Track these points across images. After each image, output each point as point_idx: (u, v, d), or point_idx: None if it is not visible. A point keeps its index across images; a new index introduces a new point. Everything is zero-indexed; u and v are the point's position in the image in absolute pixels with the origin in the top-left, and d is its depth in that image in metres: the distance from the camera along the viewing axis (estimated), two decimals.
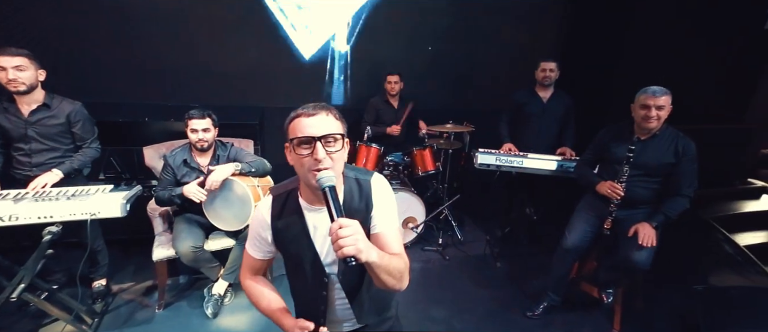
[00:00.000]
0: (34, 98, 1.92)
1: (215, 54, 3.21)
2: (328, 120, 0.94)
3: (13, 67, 1.81)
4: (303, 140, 0.91)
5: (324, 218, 0.97)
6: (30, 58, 1.86)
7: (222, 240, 2.27)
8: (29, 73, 1.86)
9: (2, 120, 1.91)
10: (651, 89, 1.96)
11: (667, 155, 1.98)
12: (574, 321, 2.33)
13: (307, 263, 1.06)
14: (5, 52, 1.80)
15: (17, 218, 1.64)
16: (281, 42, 3.39)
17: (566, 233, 2.25)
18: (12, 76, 1.81)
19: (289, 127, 0.96)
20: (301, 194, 1.04)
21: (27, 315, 2.11)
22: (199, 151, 2.18)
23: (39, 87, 1.93)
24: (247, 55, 3.30)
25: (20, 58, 1.82)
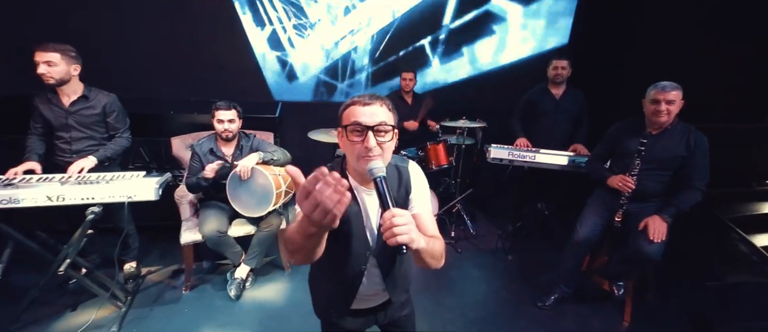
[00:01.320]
0: (74, 89, 2.08)
1: (233, 53, 3.38)
2: (381, 111, 1.00)
3: (43, 62, 1.95)
4: (356, 128, 0.97)
5: (370, 200, 1.08)
6: (63, 54, 1.99)
7: (244, 227, 2.40)
8: (59, 69, 2.00)
9: (45, 110, 2.07)
10: (661, 84, 2.02)
11: (679, 149, 2.03)
12: (585, 313, 2.39)
13: (355, 238, 1.09)
14: (41, 47, 1.95)
15: (64, 198, 1.79)
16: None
17: (577, 226, 2.31)
18: (43, 71, 1.96)
19: (343, 113, 1.02)
20: (350, 174, 1.09)
21: (67, 293, 2.27)
22: (225, 141, 2.32)
23: (75, 80, 2.08)
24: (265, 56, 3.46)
25: (52, 54, 1.96)
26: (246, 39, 3.49)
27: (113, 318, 2.08)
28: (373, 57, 3.82)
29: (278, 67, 3.65)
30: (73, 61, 2.03)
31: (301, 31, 3.59)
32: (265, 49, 3.56)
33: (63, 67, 1.99)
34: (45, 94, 2.07)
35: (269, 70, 3.64)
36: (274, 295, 2.42)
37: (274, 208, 2.29)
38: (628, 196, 2.12)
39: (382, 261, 1.16)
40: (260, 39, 3.52)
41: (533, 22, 4.00)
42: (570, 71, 2.87)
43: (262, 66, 3.60)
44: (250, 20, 3.45)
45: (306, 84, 3.75)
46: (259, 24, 3.47)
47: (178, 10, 3.25)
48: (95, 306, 2.14)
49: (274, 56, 3.60)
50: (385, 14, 3.71)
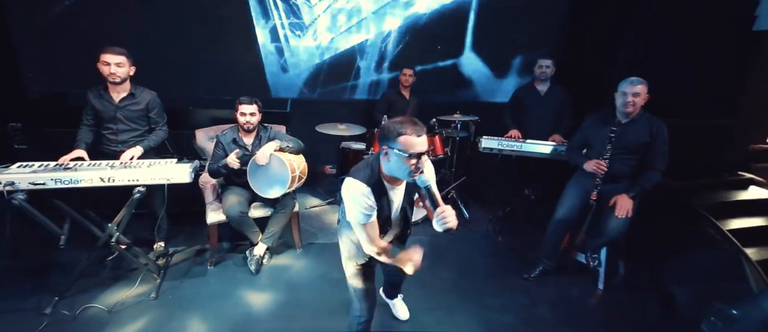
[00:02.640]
0: (124, 87, 2.39)
1: (248, 55, 3.68)
2: (425, 139, 1.38)
3: (115, 64, 2.28)
4: (415, 155, 1.35)
5: (394, 193, 1.56)
6: (126, 57, 2.32)
7: (262, 209, 2.71)
8: (125, 69, 2.33)
9: (97, 104, 2.37)
10: (629, 79, 2.36)
11: (644, 136, 2.36)
12: (565, 283, 2.72)
13: (382, 218, 1.55)
14: (111, 50, 2.27)
15: (113, 180, 2.09)
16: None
17: (558, 206, 2.65)
18: (113, 71, 2.28)
19: (398, 139, 1.34)
20: (382, 174, 1.49)
21: (106, 268, 2.56)
22: (246, 132, 2.62)
23: (128, 80, 2.38)
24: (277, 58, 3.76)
25: (121, 57, 2.29)
26: (254, 33, 3.74)
27: (150, 288, 2.38)
28: (375, 59, 4.13)
29: (276, 61, 3.89)
30: (131, 64, 2.33)
31: (298, 30, 3.86)
32: (266, 42, 3.80)
33: (127, 68, 2.31)
34: (98, 90, 2.38)
35: (269, 64, 3.88)
36: (288, 270, 2.73)
37: (288, 191, 2.58)
38: (602, 178, 2.45)
39: (396, 234, 1.73)
40: (264, 32, 3.78)
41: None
42: (553, 70, 3.20)
43: (263, 61, 3.86)
44: (258, 15, 3.71)
45: (299, 76, 4.02)
46: (264, 16, 3.73)
47: (190, 10, 3.51)
48: (133, 278, 2.43)
49: (273, 47, 3.84)
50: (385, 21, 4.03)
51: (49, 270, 2.51)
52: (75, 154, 2.25)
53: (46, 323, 2.04)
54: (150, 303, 2.28)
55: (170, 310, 2.24)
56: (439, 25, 4.10)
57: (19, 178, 1.94)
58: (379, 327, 2.24)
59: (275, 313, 2.29)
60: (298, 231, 2.94)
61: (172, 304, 2.29)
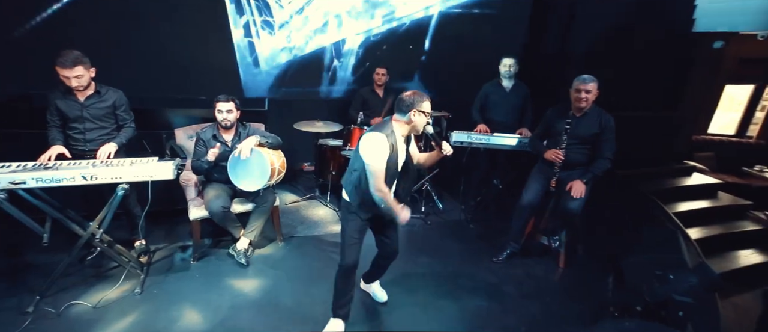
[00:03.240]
0: (88, 88, 2.39)
1: (223, 54, 3.72)
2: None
3: (74, 77, 2.28)
4: (428, 112, 1.90)
5: (401, 144, 1.96)
6: (84, 66, 2.30)
7: (243, 205, 2.80)
8: (86, 77, 2.33)
9: (62, 105, 2.37)
10: (582, 77, 2.63)
11: (594, 127, 2.65)
12: (530, 263, 2.98)
13: (392, 168, 1.91)
14: (65, 65, 2.23)
15: (96, 178, 2.12)
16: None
17: (523, 193, 2.90)
18: (75, 84, 2.30)
19: (422, 104, 1.87)
20: (398, 132, 1.93)
21: (86, 267, 2.58)
22: (225, 128, 2.71)
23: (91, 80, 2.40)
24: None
25: (78, 69, 2.27)
26: (228, 31, 3.77)
27: (134, 284, 2.42)
28: (344, 61, 4.28)
29: (248, 57, 3.93)
30: (90, 66, 2.34)
31: (269, 27, 3.95)
32: (239, 38, 3.84)
33: (87, 75, 2.32)
34: (60, 91, 2.37)
35: (241, 63, 3.93)
36: (271, 262, 2.84)
37: (269, 184, 2.68)
38: (559, 165, 2.72)
39: (408, 178, 2.08)
40: (238, 29, 3.82)
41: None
42: (517, 68, 3.46)
43: (236, 59, 3.89)
44: (232, 11, 3.75)
45: (269, 73, 4.09)
46: (239, 12, 3.77)
47: (165, 11, 3.52)
48: (116, 275, 2.47)
49: (246, 42, 3.88)
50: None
51: (25, 271, 2.50)
52: (57, 151, 2.25)
53: (29, 320, 2.06)
54: (135, 298, 2.33)
55: (157, 304, 2.30)
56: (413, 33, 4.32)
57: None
58: (363, 311, 2.39)
59: (261, 302, 2.41)
60: (279, 225, 3.04)
61: (159, 298, 2.35)
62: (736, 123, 5.62)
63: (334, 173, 3.63)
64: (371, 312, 2.41)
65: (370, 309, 2.43)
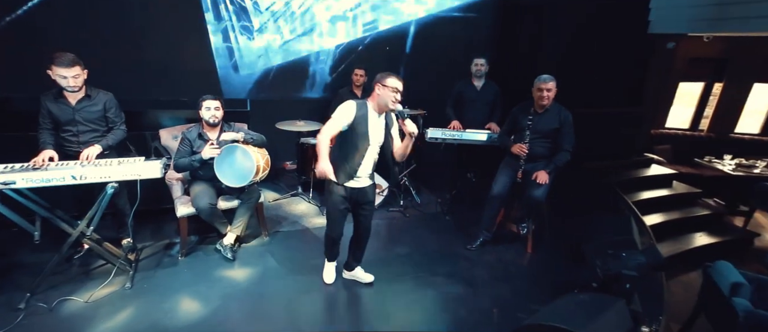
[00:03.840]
0: (80, 90, 2.47)
1: (203, 58, 3.81)
2: (400, 82, 2.18)
3: (71, 76, 2.37)
4: (397, 89, 2.14)
5: (375, 119, 2.22)
6: (80, 66, 2.41)
7: (229, 202, 2.92)
8: (82, 78, 2.43)
9: (54, 108, 2.45)
10: (542, 77, 2.88)
11: (554, 123, 2.91)
12: (501, 250, 3.23)
13: (362, 137, 2.20)
14: (62, 64, 2.32)
15: (85, 178, 2.22)
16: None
17: (492, 185, 3.14)
18: (72, 84, 2.38)
19: (386, 79, 2.13)
20: (371, 106, 2.21)
21: (74, 265, 2.64)
22: (210, 126, 2.82)
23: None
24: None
25: (76, 68, 2.38)
26: (207, 36, 3.89)
27: (124, 279, 2.52)
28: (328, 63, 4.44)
29: (227, 60, 4.09)
30: (84, 68, 2.42)
31: (247, 32, 4.09)
32: (218, 43, 4.00)
33: (83, 76, 2.41)
34: (52, 94, 2.44)
35: (220, 66, 4.07)
36: (257, 256, 2.98)
37: (255, 180, 2.82)
38: (525, 158, 2.97)
39: (371, 157, 2.29)
40: (217, 35, 3.97)
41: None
42: (487, 67, 3.71)
43: (215, 61, 4.03)
44: (211, 18, 3.87)
45: (250, 76, 4.25)
46: (217, 18, 3.91)
47: (147, 14, 3.59)
48: (105, 272, 2.55)
49: (225, 47, 4.04)
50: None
51: (12, 270, 2.55)
52: (47, 154, 2.32)
53: (22, 316, 2.14)
54: (126, 293, 2.43)
55: (148, 297, 2.41)
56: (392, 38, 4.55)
57: None
58: (350, 300, 2.56)
59: (248, 291, 2.55)
60: (264, 220, 3.18)
61: (149, 292, 2.46)
62: (690, 118, 6.09)
63: (315, 170, 3.78)
64: (357, 301, 2.56)
65: (356, 298, 2.58)
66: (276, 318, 2.33)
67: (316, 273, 2.70)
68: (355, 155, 2.24)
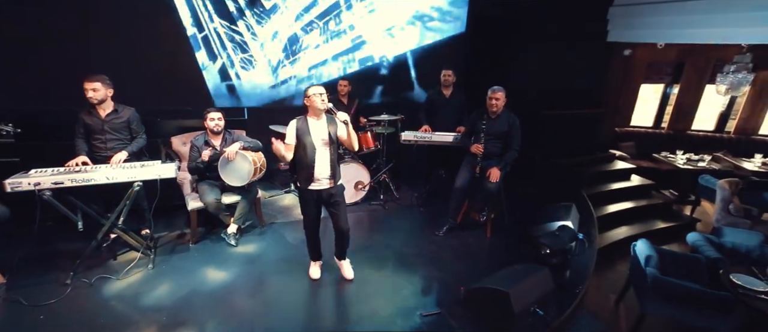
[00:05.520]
0: (108, 105, 3.06)
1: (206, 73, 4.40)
2: (322, 88, 2.63)
3: (91, 89, 2.95)
4: (320, 93, 2.59)
5: (316, 126, 2.64)
6: (102, 83, 2.99)
7: (232, 197, 3.51)
8: (101, 93, 3.00)
9: (88, 120, 3.03)
10: (493, 87, 3.49)
11: (504, 126, 3.51)
12: (464, 235, 3.83)
13: (309, 145, 2.61)
14: (88, 78, 2.93)
15: (117, 178, 2.79)
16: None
17: (455, 179, 3.74)
18: (90, 95, 2.96)
19: (309, 90, 2.60)
20: (309, 116, 2.66)
21: (103, 252, 3.21)
22: (214, 134, 3.41)
23: (109, 99, 3.05)
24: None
25: (96, 83, 2.96)
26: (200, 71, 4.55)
27: (146, 260, 3.10)
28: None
29: (227, 97, 4.79)
30: (109, 87, 3.01)
31: (246, 64, 4.74)
32: (216, 80, 4.69)
33: (103, 91, 2.98)
34: (87, 109, 3.03)
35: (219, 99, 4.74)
36: (255, 243, 3.57)
37: (252, 180, 3.40)
38: (481, 157, 3.57)
39: (322, 156, 2.67)
40: (212, 72, 4.65)
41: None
42: (455, 78, 4.30)
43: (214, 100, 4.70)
44: (204, 55, 4.52)
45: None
46: (211, 58, 4.57)
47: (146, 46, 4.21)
48: (130, 256, 3.13)
49: (224, 85, 4.73)
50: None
51: (54, 256, 3.12)
52: (82, 159, 2.90)
53: (70, 289, 2.72)
54: (149, 272, 3.02)
55: (167, 276, 2.99)
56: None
57: (42, 179, 2.60)
58: (330, 284, 3.05)
59: (249, 270, 3.14)
60: (261, 213, 3.77)
61: (168, 272, 3.04)
62: (653, 117, 6.71)
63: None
64: (339, 278, 3.12)
65: (344, 286, 3.04)
66: (271, 291, 2.92)
67: (305, 255, 3.27)
68: (307, 160, 2.62)
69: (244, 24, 4.61)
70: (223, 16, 4.49)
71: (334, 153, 2.71)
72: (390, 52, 5.49)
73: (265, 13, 4.69)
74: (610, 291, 3.52)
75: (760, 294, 2.71)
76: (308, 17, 4.92)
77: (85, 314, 2.54)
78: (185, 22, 4.33)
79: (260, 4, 4.64)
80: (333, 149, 2.70)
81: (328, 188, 2.72)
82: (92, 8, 3.91)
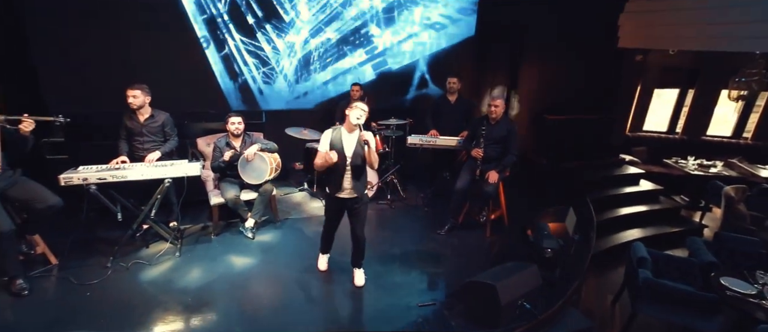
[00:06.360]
0: (146, 111, 3.49)
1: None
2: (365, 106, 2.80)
3: (131, 95, 3.38)
4: (362, 114, 2.74)
5: (349, 138, 2.81)
6: (141, 91, 3.42)
7: (250, 194, 3.88)
8: (140, 99, 3.43)
9: (129, 123, 3.48)
10: (492, 94, 3.75)
11: (503, 132, 3.74)
12: (465, 234, 4.08)
13: (341, 155, 2.77)
14: (130, 87, 3.37)
15: (149, 175, 3.20)
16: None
17: (456, 181, 3.99)
18: (130, 101, 3.39)
19: (351, 105, 2.78)
20: (344, 127, 2.83)
21: (137, 240, 3.64)
22: (235, 137, 3.79)
23: (147, 105, 3.48)
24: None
25: (136, 91, 3.39)
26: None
27: (174, 249, 3.51)
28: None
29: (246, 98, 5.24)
30: (147, 95, 3.44)
31: (268, 78, 5.16)
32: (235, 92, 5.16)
33: (142, 98, 3.40)
34: (129, 114, 3.47)
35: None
36: (271, 236, 3.93)
37: (268, 179, 3.76)
38: (481, 160, 3.80)
39: (353, 169, 2.85)
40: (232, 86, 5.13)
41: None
42: (460, 85, 4.55)
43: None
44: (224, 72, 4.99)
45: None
46: (231, 77, 5.04)
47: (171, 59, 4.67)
48: (160, 244, 3.55)
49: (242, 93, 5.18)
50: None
51: (95, 243, 3.57)
52: (121, 158, 3.34)
53: (110, 271, 3.14)
54: (177, 259, 3.42)
55: (193, 262, 3.39)
56: None
57: (89, 175, 3.03)
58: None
59: (265, 260, 3.50)
60: (276, 209, 4.13)
61: (193, 259, 3.44)
62: (668, 121, 6.70)
63: (315, 165, 4.73)
64: (347, 270, 3.40)
65: (347, 269, 3.34)
66: (283, 280, 3.27)
67: (316, 249, 3.58)
68: (337, 170, 2.80)
69: (265, 38, 5.00)
70: (243, 32, 4.92)
71: (361, 166, 2.87)
72: (404, 60, 5.78)
73: (284, 26, 5.06)
74: (609, 291, 3.70)
75: (747, 296, 2.84)
76: (329, 31, 5.28)
77: (123, 294, 2.95)
78: (203, 41, 4.81)
79: (280, 18, 5.02)
80: (361, 162, 2.86)
81: (353, 198, 2.90)
82: (133, 25, 4.39)
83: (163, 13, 4.51)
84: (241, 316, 2.81)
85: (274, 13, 4.98)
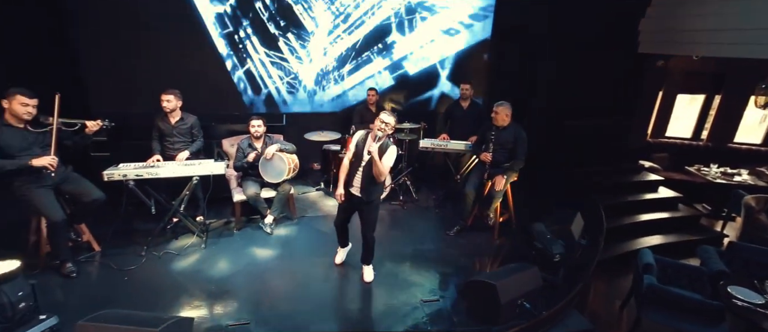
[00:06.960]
0: (176, 114, 3.85)
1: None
2: (391, 116, 3.03)
3: (166, 100, 3.74)
4: (385, 125, 2.97)
5: (369, 143, 3.01)
6: (175, 96, 3.78)
7: (269, 192, 4.17)
8: (173, 103, 3.78)
9: (161, 125, 3.84)
10: (499, 102, 3.86)
11: (511, 137, 3.87)
12: (472, 235, 4.22)
13: (358, 156, 3.03)
14: (165, 92, 3.73)
15: (179, 173, 3.53)
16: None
17: (465, 184, 4.14)
18: (165, 105, 3.75)
19: (381, 114, 3.01)
20: (370, 134, 3.04)
21: (167, 233, 4.00)
22: (256, 138, 4.09)
23: (178, 109, 3.83)
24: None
25: (170, 96, 3.75)
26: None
27: (200, 241, 3.84)
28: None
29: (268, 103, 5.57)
30: (179, 99, 3.80)
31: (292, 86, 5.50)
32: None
33: (174, 102, 3.76)
34: (161, 116, 3.84)
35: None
36: (288, 231, 4.22)
37: (287, 178, 4.04)
38: (489, 164, 3.94)
39: (366, 171, 3.04)
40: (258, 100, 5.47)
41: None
42: (472, 92, 4.70)
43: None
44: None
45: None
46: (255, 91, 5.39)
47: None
48: (187, 236, 3.89)
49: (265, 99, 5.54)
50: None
51: (131, 234, 3.96)
52: (155, 157, 3.71)
53: (144, 259, 3.50)
54: (202, 250, 3.76)
55: (217, 253, 3.72)
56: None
57: (128, 172, 3.39)
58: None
59: (282, 254, 3.79)
60: (294, 207, 4.41)
61: (217, 251, 3.77)
62: (693, 127, 6.56)
63: (334, 170, 4.97)
64: (358, 266, 3.65)
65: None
66: (299, 272, 3.53)
67: (329, 245, 3.83)
68: (353, 167, 3.08)
69: (288, 47, 5.32)
70: (267, 45, 5.28)
71: (372, 171, 2.99)
72: (423, 64, 5.98)
73: (305, 35, 5.37)
74: (619, 297, 3.77)
75: (755, 306, 2.85)
76: (349, 38, 5.56)
77: (155, 280, 3.30)
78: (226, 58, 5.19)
79: (302, 27, 5.32)
80: (371, 169, 2.98)
81: (360, 197, 3.10)
82: (166, 42, 4.83)
83: (190, 32, 4.98)
84: (258, 304, 3.09)
85: (296, 22, 5.28)
